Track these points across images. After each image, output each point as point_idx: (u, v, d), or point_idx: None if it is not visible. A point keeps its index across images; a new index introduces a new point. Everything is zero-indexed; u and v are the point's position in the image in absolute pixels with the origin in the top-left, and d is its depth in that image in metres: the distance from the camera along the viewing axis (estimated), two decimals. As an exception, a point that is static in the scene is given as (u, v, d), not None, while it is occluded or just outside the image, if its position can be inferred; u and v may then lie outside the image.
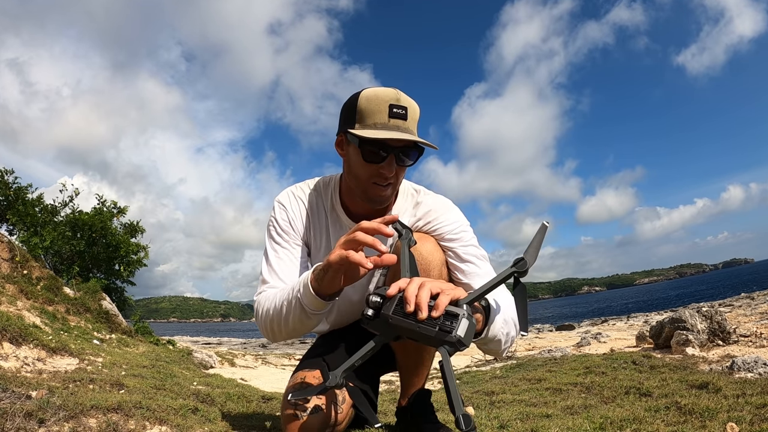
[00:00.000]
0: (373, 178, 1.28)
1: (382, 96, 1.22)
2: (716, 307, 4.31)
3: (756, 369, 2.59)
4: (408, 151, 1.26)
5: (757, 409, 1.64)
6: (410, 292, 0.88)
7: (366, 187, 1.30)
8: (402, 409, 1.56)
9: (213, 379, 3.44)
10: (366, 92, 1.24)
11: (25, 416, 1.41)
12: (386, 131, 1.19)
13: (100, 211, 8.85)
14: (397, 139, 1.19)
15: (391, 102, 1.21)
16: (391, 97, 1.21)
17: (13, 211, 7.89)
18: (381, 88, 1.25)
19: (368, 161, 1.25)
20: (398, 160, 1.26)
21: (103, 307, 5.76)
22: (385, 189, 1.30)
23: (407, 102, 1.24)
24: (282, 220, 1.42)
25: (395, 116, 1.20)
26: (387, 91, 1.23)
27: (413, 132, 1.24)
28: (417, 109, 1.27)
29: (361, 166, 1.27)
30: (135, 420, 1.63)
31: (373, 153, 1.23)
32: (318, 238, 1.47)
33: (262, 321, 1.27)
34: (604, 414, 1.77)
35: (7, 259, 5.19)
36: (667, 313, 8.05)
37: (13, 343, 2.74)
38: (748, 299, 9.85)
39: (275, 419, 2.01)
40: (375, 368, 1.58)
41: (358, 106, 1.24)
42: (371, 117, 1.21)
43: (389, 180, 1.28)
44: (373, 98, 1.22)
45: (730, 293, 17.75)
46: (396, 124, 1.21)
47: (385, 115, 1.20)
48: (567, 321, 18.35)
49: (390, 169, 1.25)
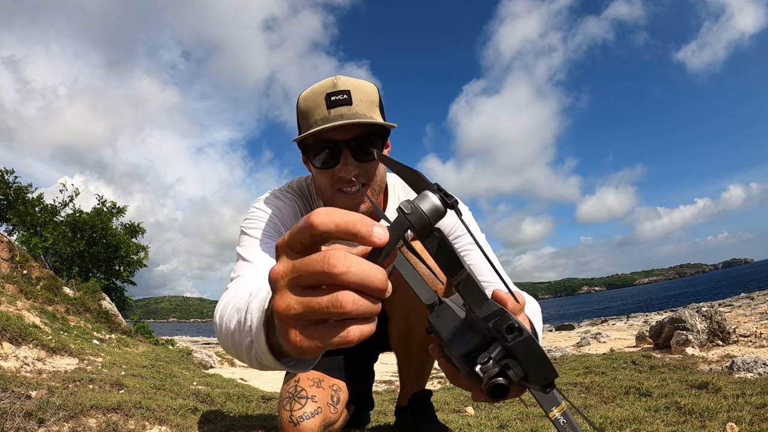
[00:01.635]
0: (335, 185, 1.08)
1: (318, 89, 1.05)
2: (716, 307, 4.31)
3: (756, 369, 2.59)
4: (365, 140, 1.04)
5: (757, 409, 1.64)
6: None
7: (333, 199, 1.11)
8: (402, 409, 1.56)
9: (213, 379, 3.44)
10: (304, 93, 1.08)
11: (24, 416, 1.41)
12: (325, 125, 0.99)
13: (101, 211, 8.86)
14: (336, 126, 0.99)
15: (327, 91, 1.03)
16: (327, 86, 1.04)
17: (14, 211, 7.89)
18: (319, 82, 1.07)
19: (321, 167, 1.06)
20: (356, 154, 1.05)
21: (102, 307, 5.75)
22: (355, 197, 1.09)
23: (349, 84, 1.04)
24: (270, 214, 1.18)
25: (335, 104, 1.02)
26: (323, 82, 1.05)
27: (367, 116, 1.03)
28: (369, 89, 1.07)
29: (318, 175, 1.09)
30: (135, 420, 1.63)
31: (322, 155, 1.04)
32: None
33: (217, 333, 0.86)
34: (604, 414, 1.78)
35: (7, 259, 5.19)
36: (667, 313, 8.06)
37: (13, 343, 2.74)
38: (748, 299, 9.85)
39: (275, 419, 2.01)
40: (374, 348, 1.54)
41: (298, 110, 1.08)
42: (311, 116, 1.04)
43: (356, 182, 1.07)
44: (309, 96, 1.06)
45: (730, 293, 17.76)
46: (338, 113, 1.02)
47: (323, 108, 1.02)
48: (567, 321, 18.39)
49: (347, 169, 1.04)
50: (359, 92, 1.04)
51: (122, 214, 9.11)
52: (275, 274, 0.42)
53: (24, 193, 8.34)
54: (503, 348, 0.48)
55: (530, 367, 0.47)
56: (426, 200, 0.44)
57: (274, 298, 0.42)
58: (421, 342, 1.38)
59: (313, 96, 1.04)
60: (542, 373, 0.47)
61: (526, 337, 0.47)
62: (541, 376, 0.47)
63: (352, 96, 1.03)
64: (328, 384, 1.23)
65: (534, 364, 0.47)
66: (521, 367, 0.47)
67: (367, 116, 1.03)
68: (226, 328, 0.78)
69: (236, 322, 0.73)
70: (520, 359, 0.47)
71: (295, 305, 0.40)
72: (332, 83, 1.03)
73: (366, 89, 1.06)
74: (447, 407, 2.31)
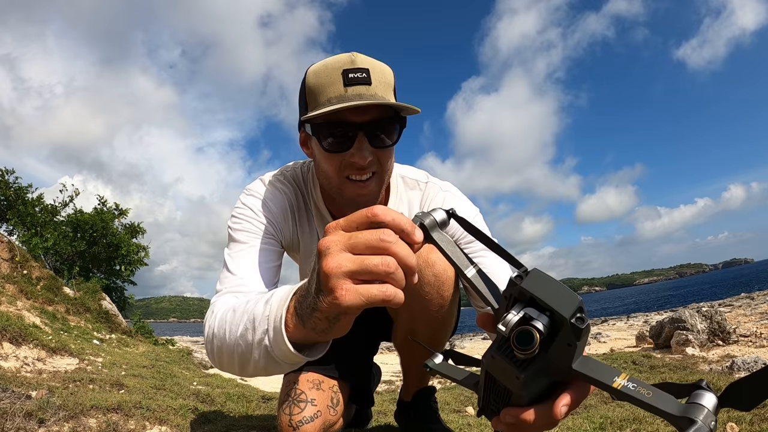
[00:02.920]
0: (344, 172, 0.98)
1: (333, 64, 0.94)
2: (716, 307, 4.31)
3: (756, 369, 2.59)
4: (383, 124, 0.95)
5: (757, 409, 1.64)
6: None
7: (340, 187, 1.00)
8: (404, 404, 1.55)
9: (213, 379, 3.44)
10: (314, 66, 0.97)
11: (25, 416, 1.41)
12: (343, 104, 0.89)
13: (101, 211, 8.87)
14: (358, 106, 0.89)
15: (344, 67, 0.92)
16: (344, 61, 0.93)
17: (14, 211, 7.90)
18: (332, 56, 0.96)
19: (331, 150, 0.95)
20: (372, 139, 0.95)
21: (103, 307, 5.76)
22: (365, 186, 0.99)
23: (367, 62, 0.94)
24: (257, 210, 1.09)
25: (353, 82, 0.92)
26: (339, 57, 0.95)
27: (385, 99, 0.94)
28: (386, 71, 0.98)
29: (326, 159, 0.98)
30: (135, 420, 1.63)
31: (334, 137, 0.94)
32: (307, 241, 1.21)
33: (210, 345, 0.85)
34: (604, 414, 1.78)
35: (7, 259, 5.19)
36: (667, 313, 8.06)
37: (13, 343, 2.74)
38: (748, 299, 9.85)
39: (275, 419, 2.01)
40: (374, 339, 1.52)
41: (307, 85, 0.97)
42: (323, 93, 0.93)
43: (367, 170, 0.97)
44: (322, 70, 0.94)
45: (730, 293, 17.77)
46: (357, 93, 0.92)
47: (339, 85, 0.92)
48: (567, 321, 18.30)
49: (362, 154, 0.94)
50: (377, 72, 0.95)
51: (125, 215, 9.13)
52: (327, 242, 0.50)
53: (24, 194, 8.35)
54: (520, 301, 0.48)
55: (552, 297, 0.46)
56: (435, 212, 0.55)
57: (323, 260, 0.50)
58: (425, 342, 1.38)
59: (327, 71, 0.93)
60: (566, 298, 0.45)
61: (534, 269, 0.48)
62: (566, 302, 0.45)
63: (371, 75, 0.93)
64: (327, 386, 1.21)
65: (555, 291, 0.46)
66: (543, 303, 0.45)
67: (385, 99, 0.94)
68: (230, 336, 0.77)
69: (243, 328, 0.74)
70: (539, 293, 0.46)
71: (347, 263, 0.49)
72: (350, 59, 0.93)
73: (383, 70, 0.97)
74: (447, 407, 2.32)
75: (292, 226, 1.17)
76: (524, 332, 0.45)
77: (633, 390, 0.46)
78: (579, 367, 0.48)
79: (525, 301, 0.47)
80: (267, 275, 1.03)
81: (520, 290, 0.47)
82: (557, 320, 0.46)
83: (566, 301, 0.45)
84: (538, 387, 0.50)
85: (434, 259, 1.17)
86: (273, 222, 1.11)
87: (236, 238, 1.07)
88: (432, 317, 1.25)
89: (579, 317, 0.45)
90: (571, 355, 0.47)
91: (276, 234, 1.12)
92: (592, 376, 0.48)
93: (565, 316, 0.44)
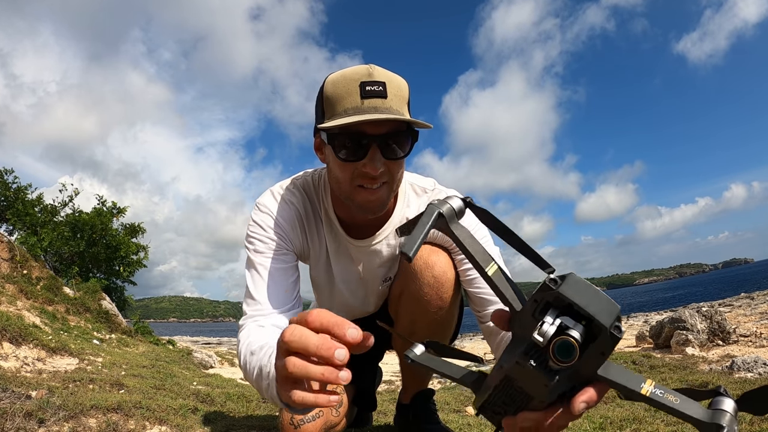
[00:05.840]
0: (356, 180, 1.02)
1: (350, 75, 0.97)
2: (716, 307, 4.31)
3: (756, 369, 2.59)
4: (396, 137, 0.99)
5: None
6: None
7: (351, 193, 1.05)
8: (403, 406, 1.55)
9: (213, 379, 3.44)
10: (332, 76, 1.00)
11: (25, 416, 1.41)
12: (359, 116, 0.93)
13: (101, 211, 8.87)
14: (374, 120, 0.92)
15: (362, 80, 0.96)
16: (361, 74, 0.96)
17: (13, 211, 7.90)
18: (351, 67, 0.99)
19: (345, 159, 0.99)
20: (384, 151, 0.99)
21: (102, 307, 5.75)
22: (375, 192, 1.03)
23: (384, 76, 0.97)
24: (268, 227, 1.15)
25: (370, 95, 0.95)
26: (356, 69, 0.98)
27: (399, 112, 0.98)
28: (402, 85, 1.01)
29: (339, 167, 1.02)
30: (135, 420, 1.63)
31: (348, 147, 0.98)
32: (317, 249, 1.26)
33: (243, 372, 0.96)
34: (604, 414, 1.78)
35: (7, 259, 5.19)
36: (667, 313, 8.06)
37: (13, 343, 2.74)
38: (748, 299, 9.85)
39: (275, 419, 2.01)
40: (380, 346, 1.53)
41: (324, 94, 1.00)
42: (340, 103, 0.97)
43: (378, 179, 1.02)
44: (339, 81, 0.98)
45: (730, 293, 17.78)
46: (372, 105, 0.95)
47: (356, 97, 0.95)
48: (567, 321, 18.26)
49: (374, 165, 0.98)
50: (393, 86, 0.98)
51: (123, 214, 9.13)
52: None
53: (23, 194, 8.35)
54: (555, 306, 0.46)
55: (591, 304, 0.44)
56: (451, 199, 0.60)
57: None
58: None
59: (345, 82, 0.97)
60: (604, 306, 0.44)
61: (571, 274, 0.46)
62: (606, 310, 0.44)
63: (387, 89, 0.96)
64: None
65: (593, 298, 0.44)
66: (584, 311, 0.44)
67: (400, 112, 0.98)
68: (251, 370, 0.90)
69: (257, 374, 0.86)
70: (579, 300, 0.44)
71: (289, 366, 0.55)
72: (367, 72, 0.96)
73: (399, 84, 1.00)
74: (447, 407, 2.31)
75: (301, 235, 1.22)
76: (566, 344, 0.44)
77: (661, 396, 0.47)
78: (604, 372, 0.48)
79: (560, 308, 0.46)
80: (285, 295, 1.11)
81: (557, 296, 0.45)
82: (594, 328, 0.45)
83: (606, 309, 0.44)
84: (559, 391, 0.51)
85: (434, 260, 1.20)
86: (284, 236, 1.16)
87: (253, 260, 1.12)
88: (431, 319, 1.25)
89: (617, 326, 0.44)
90: (601, 363, 0.47)
91: (289, 247, 1.17)
92: (619, 382, 0.48)
93: (605, 325, 0.44)
